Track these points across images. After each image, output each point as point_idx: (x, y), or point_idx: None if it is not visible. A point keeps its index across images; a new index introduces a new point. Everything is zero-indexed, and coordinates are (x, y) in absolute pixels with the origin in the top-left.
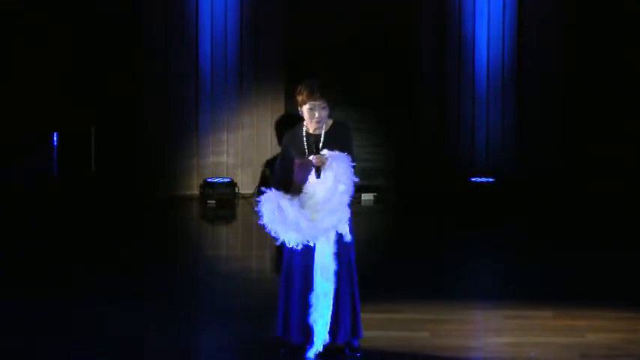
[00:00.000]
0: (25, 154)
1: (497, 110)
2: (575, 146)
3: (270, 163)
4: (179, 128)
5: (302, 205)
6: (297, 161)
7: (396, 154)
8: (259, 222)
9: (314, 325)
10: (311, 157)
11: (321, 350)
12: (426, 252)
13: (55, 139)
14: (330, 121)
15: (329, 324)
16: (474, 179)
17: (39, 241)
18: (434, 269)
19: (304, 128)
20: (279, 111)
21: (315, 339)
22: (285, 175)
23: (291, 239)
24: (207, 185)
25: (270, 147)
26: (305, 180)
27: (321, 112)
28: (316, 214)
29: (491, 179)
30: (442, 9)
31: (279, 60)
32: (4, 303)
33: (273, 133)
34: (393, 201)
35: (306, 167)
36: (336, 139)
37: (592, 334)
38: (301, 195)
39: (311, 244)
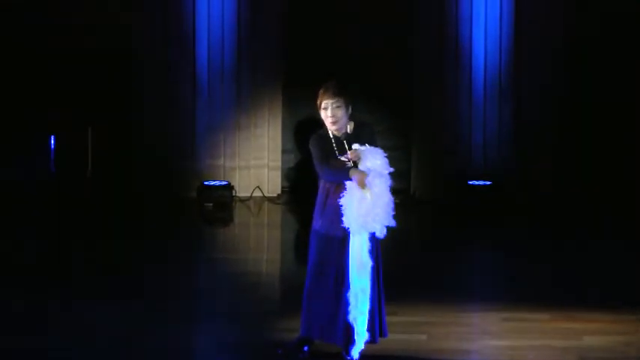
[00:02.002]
0: (25, 154)
1: (495, 116)
2: (574, 153)
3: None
4: (176, 131)
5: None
6: (332, 162)
7: (394, 158)
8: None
9: (354, 324)
10: (343, 157)
11: (363, 348)
12: (422, 254)
13: (52, 141)
14: (352, 123)
15: (367, 321)
16: (471, 182)
17: (39, 241)
18: (431, 271)
19: (330, 131)
20: (277, 114)
21: (356, 338)
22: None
23: (364, 229)
24: (204, 188)
25: (266, 149)
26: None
27: (335, 112)
28: (379, 212)
29: (488, 182)
30: (440, 16)
31: (277, 63)
32: (4, 303)
33: (270, 135)
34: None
35: (341, 167)
36: (361, 140)
37: (590, 336)
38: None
39: (378, 234)
